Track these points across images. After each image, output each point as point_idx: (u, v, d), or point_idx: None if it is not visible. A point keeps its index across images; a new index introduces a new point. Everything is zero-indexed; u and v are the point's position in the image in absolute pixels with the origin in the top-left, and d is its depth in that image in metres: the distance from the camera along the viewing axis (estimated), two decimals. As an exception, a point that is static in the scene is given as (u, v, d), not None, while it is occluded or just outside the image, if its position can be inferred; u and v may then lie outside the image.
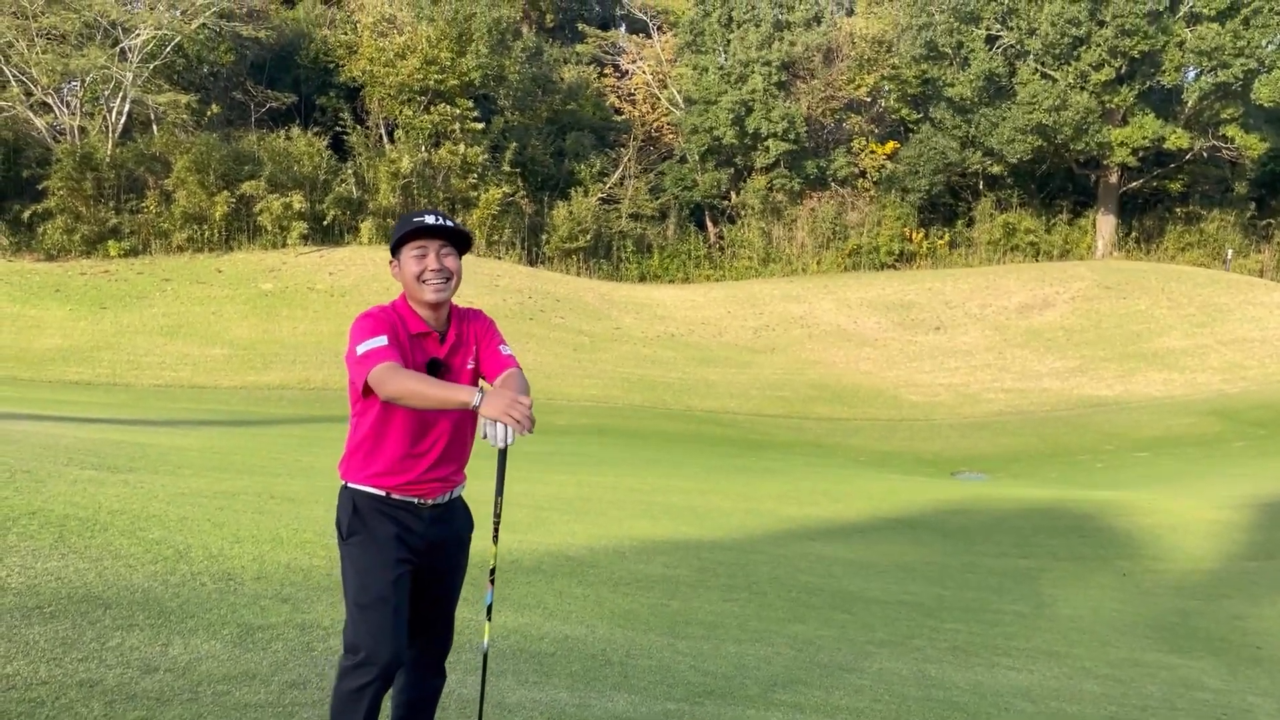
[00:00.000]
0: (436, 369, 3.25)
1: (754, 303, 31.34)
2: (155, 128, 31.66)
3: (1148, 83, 34.25)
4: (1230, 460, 19.50)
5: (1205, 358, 26.73)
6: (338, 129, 33.63)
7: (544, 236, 34.22)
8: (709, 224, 38.09)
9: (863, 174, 37.67)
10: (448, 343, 3.32)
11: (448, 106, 32.37)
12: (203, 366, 22.95)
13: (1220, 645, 7.94)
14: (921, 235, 36.53)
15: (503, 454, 3.16)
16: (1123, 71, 33.80)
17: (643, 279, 34.77)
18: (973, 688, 6.02)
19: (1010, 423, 22.93)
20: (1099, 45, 32.53)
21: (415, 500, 3.28)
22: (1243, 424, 21.89)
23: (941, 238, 36.88)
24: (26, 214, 28.57)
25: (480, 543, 3.61)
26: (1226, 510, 13.63)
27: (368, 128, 34.08)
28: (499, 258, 32.31)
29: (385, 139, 33.97)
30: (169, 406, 18.31)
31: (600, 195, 35.85)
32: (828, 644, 6.52)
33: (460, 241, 3.31)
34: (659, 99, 39.85)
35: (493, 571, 3.33)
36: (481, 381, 3.41)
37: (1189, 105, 33.80)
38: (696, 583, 7.72)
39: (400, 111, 32.75)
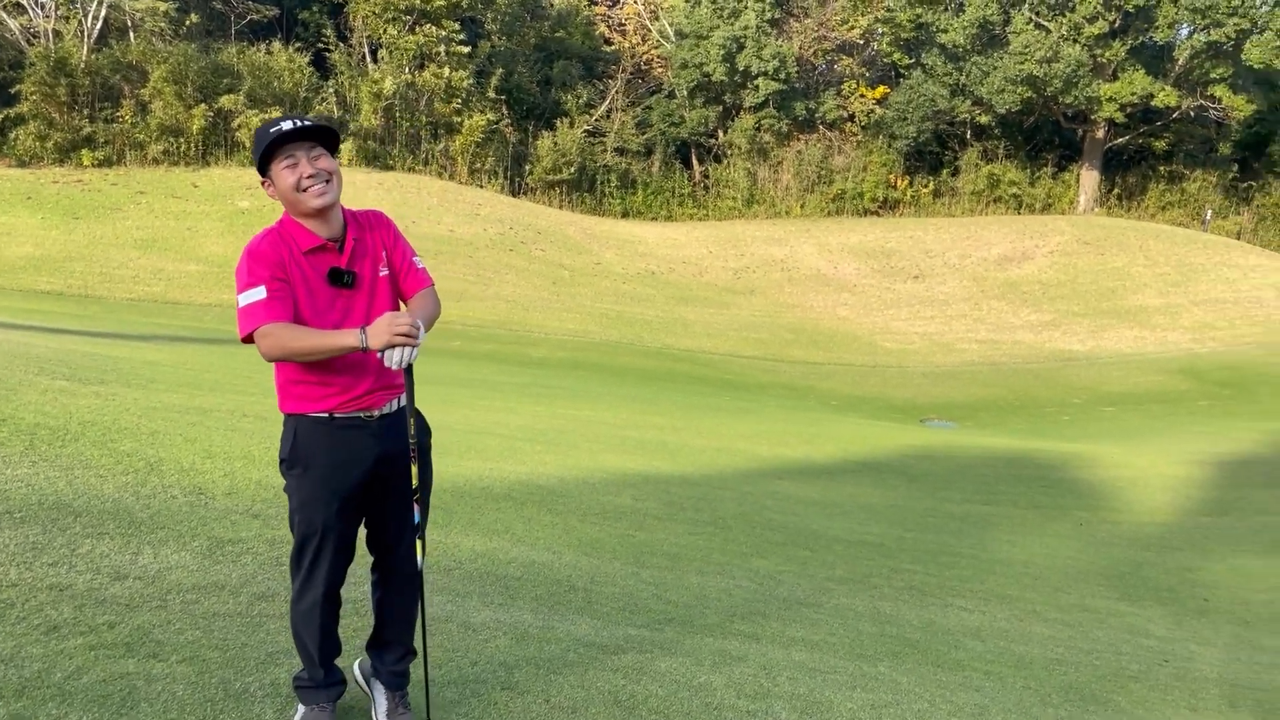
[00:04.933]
0: (340, 278, 3.09)
1: (736, 244, 31.27)
2: (132, 35, 30.88)
3: (1140, 38, 34.05)
4: (1194, 418, 19.84)
5: (1177, 317, 27.02)
6: (320, 46, 32.94)
7: (527, 167, 33.87)
8: (695, 162, 37.80)
9: (851, 118, 37.39)
10: (347, 250, 3.14)
11: (433, 27, 31.74)
12: (177, 282, 22.74)
13: (1168, 595, 8.18)
14: (906, 183, 36.45)
15: (409, 374, 3.09)
16: (1116, 26, 33.56)
17: (625, 215, 34.56)
18: (925, 625, 6.20)
19: (982, 373, 23.18)
20: (1095, -3, 32.30)
21: (362, 414, 3.17)
22: (1208, 384, 22.24)
23: (926, 186, 36.82)
24: (-1, 118, 27.99)
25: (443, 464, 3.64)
26: (1185, 466, 13.93)
27: (351, 46, 33.39)
28: (481, 186, 32.00)
29: (369, 58, 33.32)
30: (142, 321, 18.18)
31: (586, 127, 35.43)
32: (788, 579, 6.68)
33: (328, 140, 3.11)
34: (650, 31, 39.22)
35: (415, 491, 3.22)
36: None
37: (1179, 63, 33.67)
38: (664, 516, 7.85)
39: (384, 30, 32.09)
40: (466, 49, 32.56)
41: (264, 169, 3.09)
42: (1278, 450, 16.36)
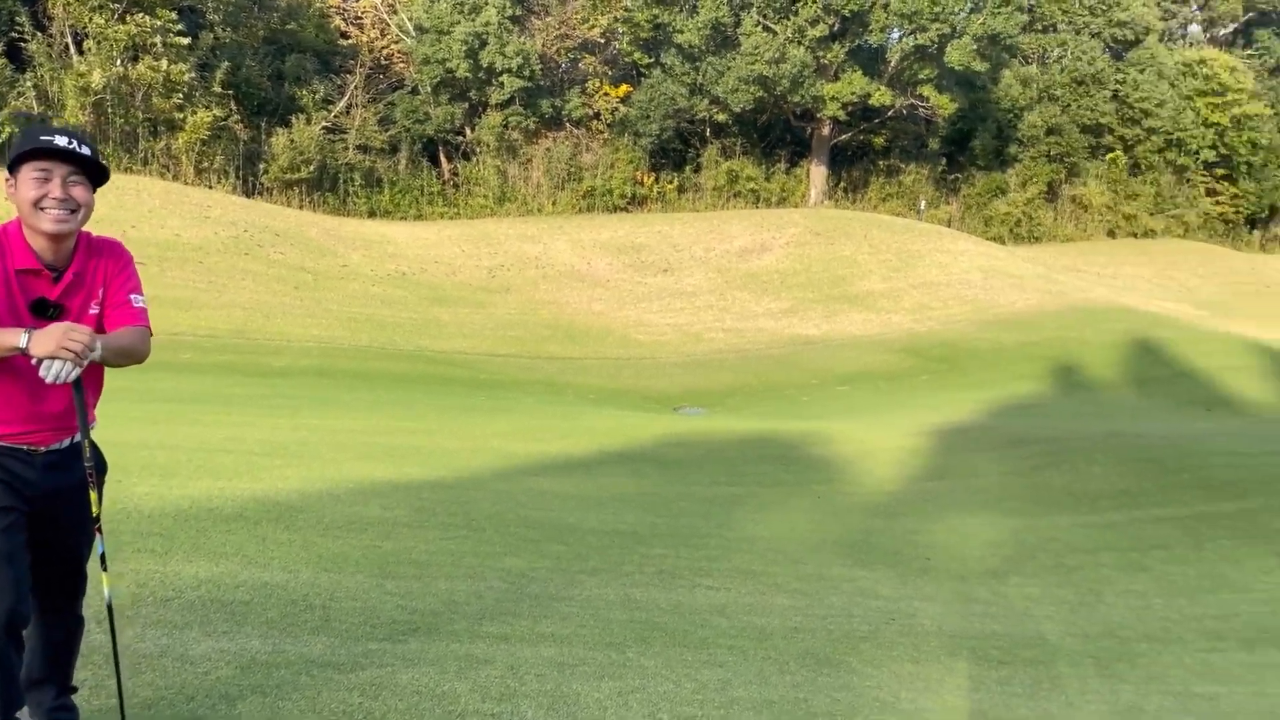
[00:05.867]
0: (45, 310, 2.89)
1: (489, 242, 31.01)
2: None
3: (857, 41, 36.64)
4: (916, 392, 21.61)
5: (899, 300, 29.31)
6: (14, 35, 29.70)
7: (262, 166, 32.04)
8: (443, 159, 37.13)
9: (597, 116, 37.96)
10: (63, 282, 2.95)
11: (146, 17, 29.36)
12: None
13: (896, 558, 8.82)
14: (652, 179, 37.44)
15: (77, 389, 2.89)
16: (835, 29, 35.96)
17: (372, 214, 33.45)
18: (674, 608, 6.35)
19: (729, 360, 24.19)
20: (814, 2, 34.40)
21: (25, 448, 2.97)
22: (928, 359, 24.27)
23: (671, 182, 37.98)
24: None
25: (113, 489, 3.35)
26: (910, 437, 15.12)
27: (51, 35, 30.32)
28: (209, 187, 29.96)
29: (73, 49, 30.38)
30: None
31: (325, 124, 33.95)
32: (541, 575, 6.65)
33: (95, 173, 2.94)
34: (389, 25, 38.14)
35: (97, 519, 3.05)
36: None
37: (892, 65, 36.52)
38: (414, 523, 7.62)
39: (90, 19, 29.35)
40: (186, 40, 30.36)
41: (14, 167, 2.90)
42: (987, 417, 18.10)
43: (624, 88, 38.26)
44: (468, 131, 36.42)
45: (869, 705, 4.97)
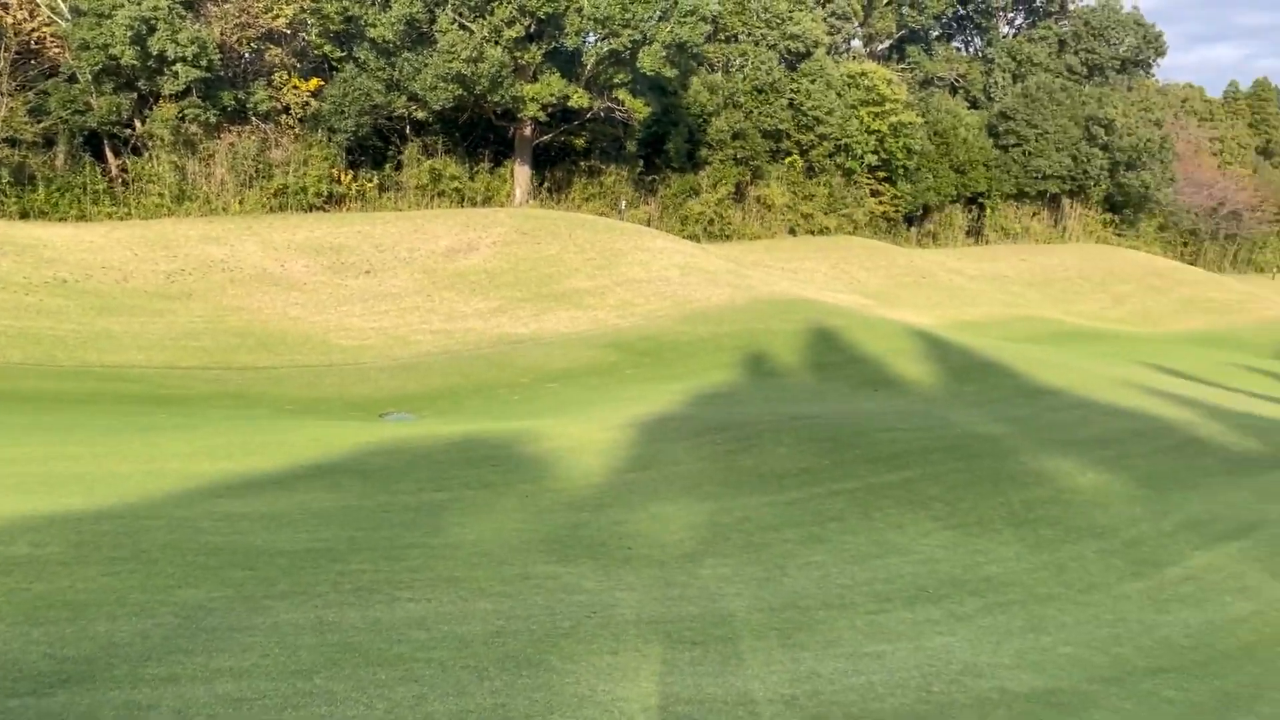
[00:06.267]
0: None
1: (167, 244, 28.54)
2: None
3: (553, 44, 37.15)
4: (622, 386, 22.24)
5: (604, 297, 30.06)
6: None
7: (-119, 160, 27.69)
8: (109, 155, 33.72)
9: (286, 110, 35.98)
10: None
11: None
12: None
13: (599, 550, 8.98)
14: (350, 177, 36.06)
15: None
16: (532, 30, 36.25)
17: (25, 215, 29.81)
18: (370, 626, 6.09)
19: (438, 362, 23.75)
20: (510, 2, 34.50)
21: None
22: (632, 354, 25.06)
23: (371, 181, 36.78)
24: None
25: None
26: (616, 430, 15.48)
27: None
28: None
29: None
30: None
31: (-39, 113, 29.87)
32: (220, 605, 6.16)
33: None
34: (39, 5, 34.11)
35: None
36: None
37: (588, 68, 37.36)
38: (71, 559, 6.82)
39: None
40: None
41: None
42: (687, 406, 18.93)
43: (315, 81, 36.56)
44: (137, 124, 33.34)
45: (567, 702, 4.99)
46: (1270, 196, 66.53)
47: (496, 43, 34.65)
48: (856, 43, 63.62)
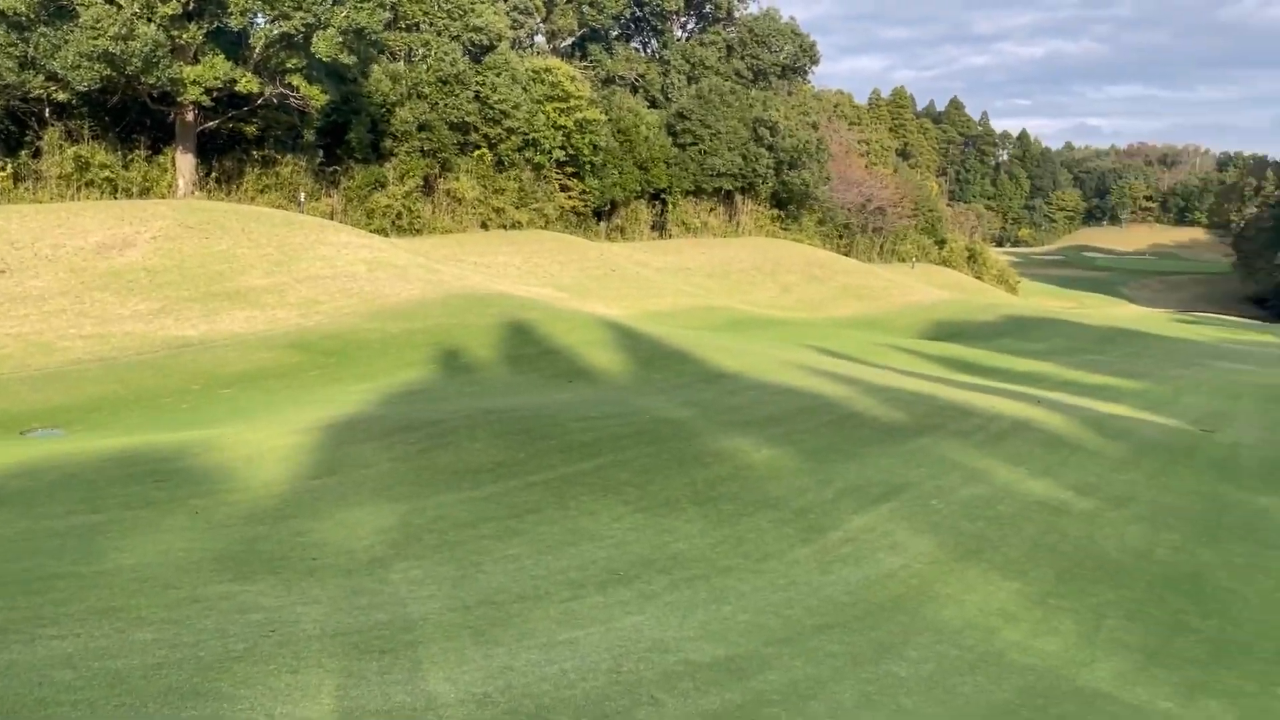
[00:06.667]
0: None
1: None
2: None
3: (216, 23, 34.53)
4: (306, 388, 21.12)
5: (284, 295, 28.39)
6: None
7: None
8: None
9: (-112, 85, 30.95)
10: None
11: None
12: None
13: (281, 564, 8.43)
14: (-23, 165, 31.68)
15: None
16: (190, 8, 33.50)
17: None
18: (4, 670, 5.32)
19: (91, 371, 21.39)
20: (164, -24, 31.72)
21: None
22: (317, 354, 23.87)
23: (4, 169, 32.50)
24: None
25: None
26: (299, 435, 14.65)
27: None
28: None
29: None
30: None
31: None
32: None
33: None
34: None
35: None
36: None
37: (257, 51, 35.07)
38: None
39: None
40: None
41: None
42: (377, 406, 18.29)
43: (-74, 54, 31.72)
44: None
45: (239, 732, 4.61)
46: (909, 194, 75.02)
47: (150, 19, 31.71)
48: (540, 39, 64.50)
